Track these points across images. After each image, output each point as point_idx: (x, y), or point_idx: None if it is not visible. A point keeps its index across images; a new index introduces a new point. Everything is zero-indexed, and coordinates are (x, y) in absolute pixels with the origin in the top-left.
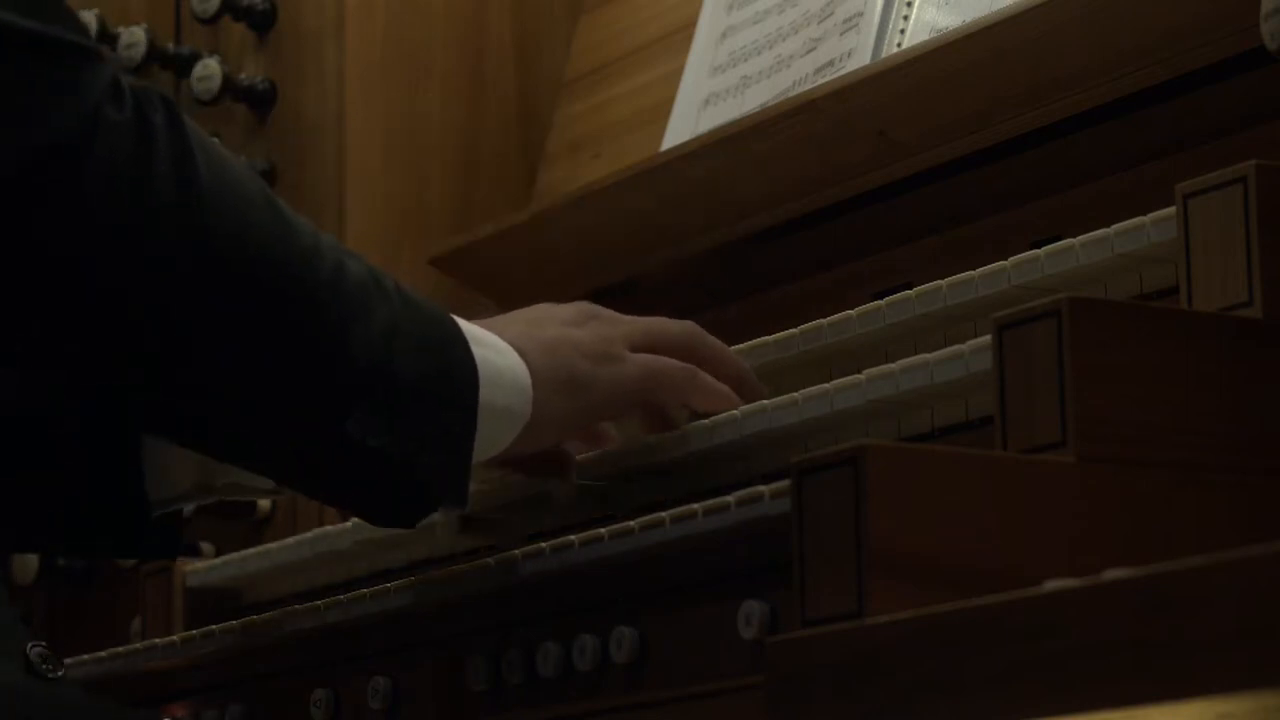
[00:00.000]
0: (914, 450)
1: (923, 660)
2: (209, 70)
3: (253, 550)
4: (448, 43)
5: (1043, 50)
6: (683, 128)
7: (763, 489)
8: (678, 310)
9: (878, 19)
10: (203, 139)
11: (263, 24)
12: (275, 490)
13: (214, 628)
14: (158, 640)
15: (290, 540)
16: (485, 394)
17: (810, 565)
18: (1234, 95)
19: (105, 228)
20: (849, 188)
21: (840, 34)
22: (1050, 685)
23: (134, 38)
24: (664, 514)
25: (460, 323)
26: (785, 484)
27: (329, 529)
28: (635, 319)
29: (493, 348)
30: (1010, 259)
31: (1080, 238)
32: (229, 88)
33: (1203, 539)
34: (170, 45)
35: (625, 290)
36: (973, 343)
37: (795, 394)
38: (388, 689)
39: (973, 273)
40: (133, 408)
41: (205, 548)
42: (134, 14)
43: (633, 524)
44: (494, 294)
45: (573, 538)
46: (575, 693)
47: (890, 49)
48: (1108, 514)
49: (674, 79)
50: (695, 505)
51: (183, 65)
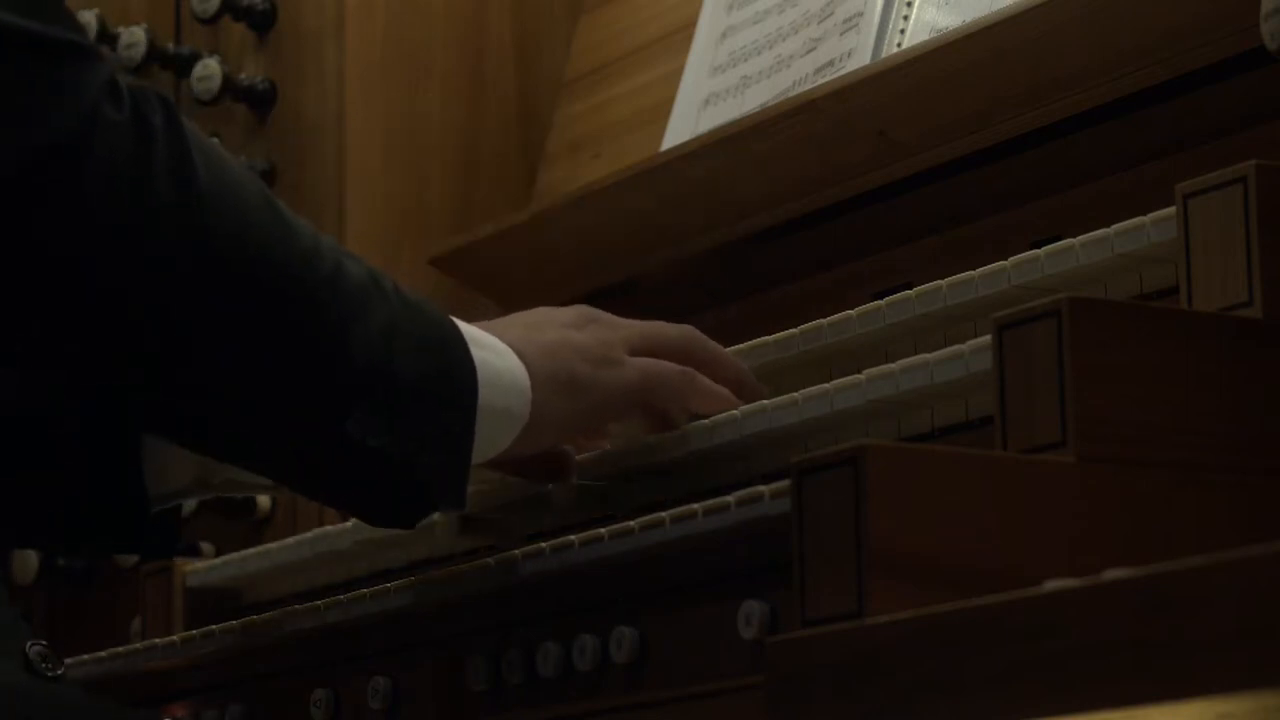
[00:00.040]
0: (914, 450)
1: (923, 660)
2: (209, 70)
3: (253, 550)
4: (448, 43)
5: (1043, 50)
6: (683, 128)
7: (763, 489)
8: (678, 310)
9: (878, 19)
10: (201, 139)
11: (263, 24)
12: (273, 486)
13: (214, 628)
14: (158, 640)
15: (290, 540)
16: (484, 395)
17: (810, 565)
18: (1234, 95)
19: (105, 228)
20: (849, 188)
21: (840, 34)
22: (1050, 685)
23: (134, 38)
24: (664, 514)
25: (459, 324)
26: (785, 484)
27: (329, 529)
28: (634, 323)
29: (492, 349)
30: (1010, 259)
31: (1080, 238)
32: (229, 88)
33: (1203, 539)
34: (170, 45)
35: (625, 290)
36: (973, 343)
37: (795, 394)
38: (388, 689)
39: (973, 273)
40: (133, 407)
41: (205, 548)
42: (134, 14)
43: (633, 524)
44: (494, 294)
45: (573, 538)
46: (575, 693)
47: (890, 49)
48: (1108, 514)
49: (674, 79)
50: (695, 505)
51: (183, 65)
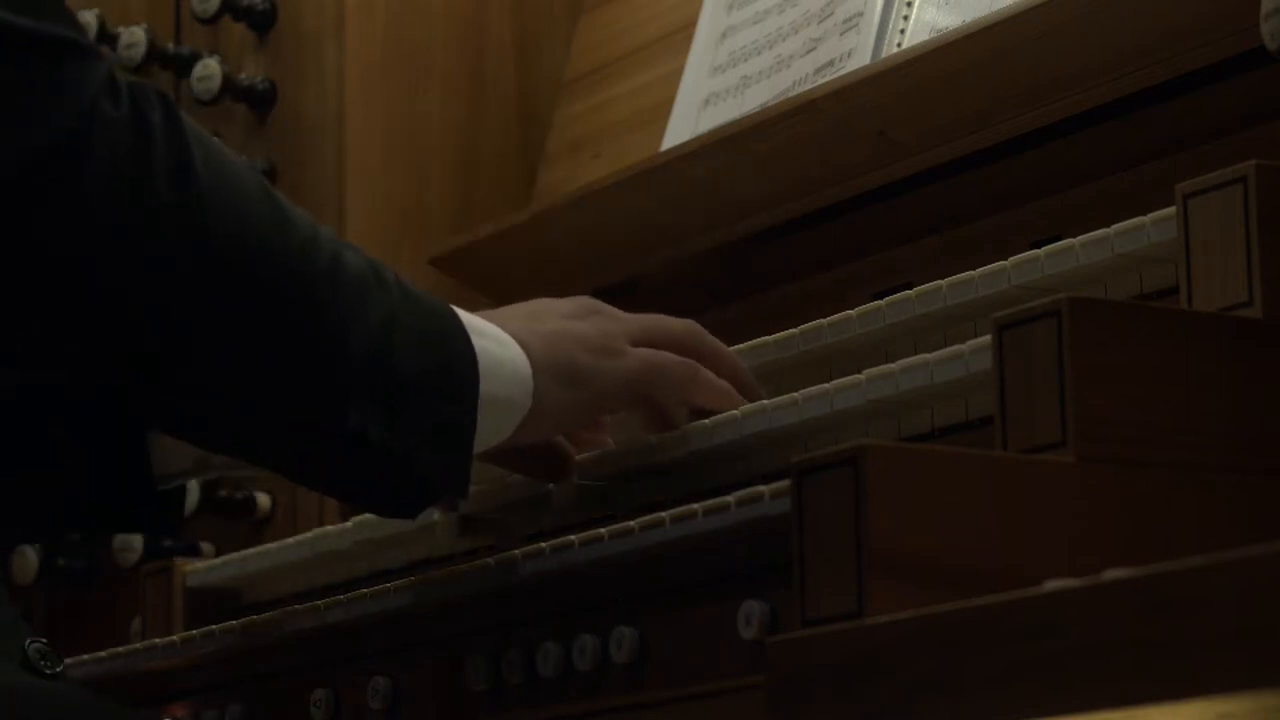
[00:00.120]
0: (914, 450)
1: (923, 660)
2: (209, 70)
3: (253, 550)
4: (448, 43)
5: (1043, 50)
6: (683, 128)
7: (763, 489)
8: (678, 310)
9: (878, 19)
10: (200, 134)
11: (263, 24)
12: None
13: (214, 628)
14: (158, 640)
15: (290, 540)
16: (486, 385)
17: (810, 565)
18: (1234, 95)
19: (105, 228)
20: (849, 188)
21: (840, 34)
22: (1050, 685)
23: (134, 38)
24: (664, 514)
25: (461, 314)
26: (785, 484)
27: (329, 529)
28: (636, 315)
29: (494, 339)
30: (1010, 259)
31: (1080, 238)
32: (229, 88)
33: (1203, 539)
34: (170, 45)
35: (625, 290)
36: (973, 343)
37: (795, 394)
38: (388, 689)
39: (973, 273)
40: (133, 405)
41: (205, 548)
42: (134, 14)
43: (633, 524)
44: (494, 294)
45: (573, 538)
46: (575, 693)
47: (890, 49)
48: (1108, 514)
49: (674, 79)
50: (695, 505)
51: (183, 65)
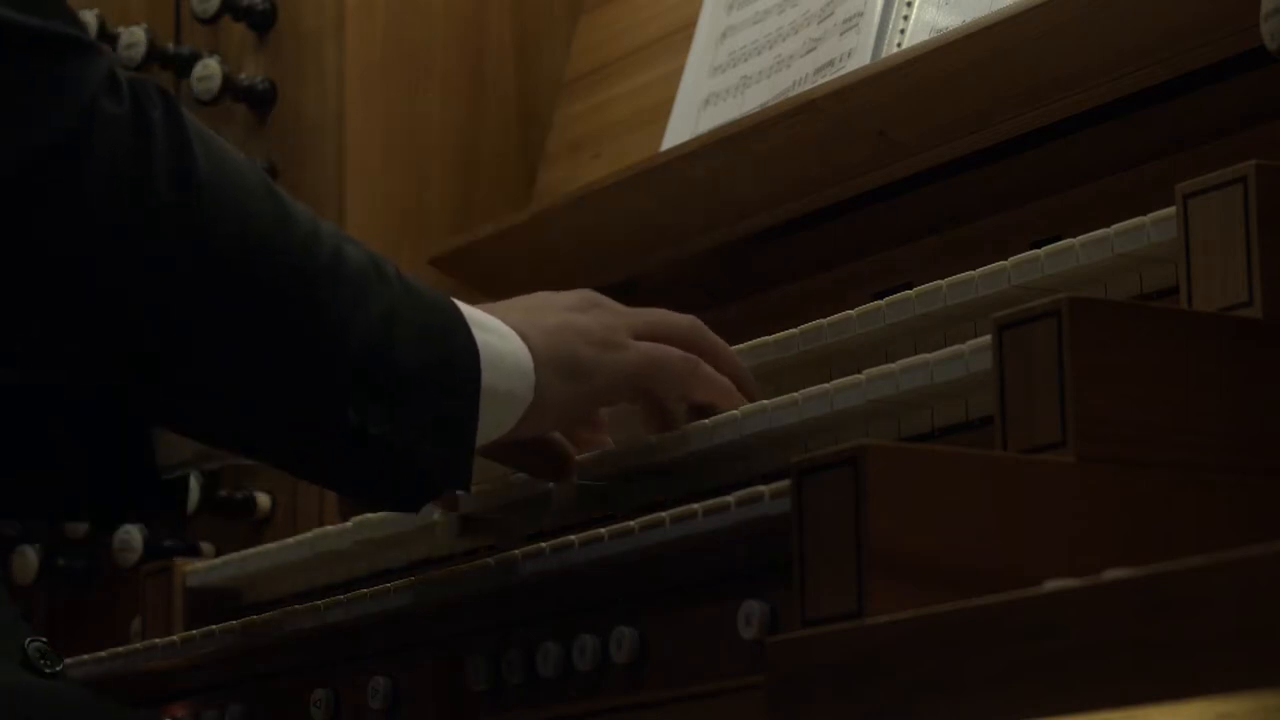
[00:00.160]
0: (914, 450)
1: (923, 660)
2: (209, 70)
3: (253, 550)
4: (448, 43)
5: (1043, 50)
6: (683, 128)
7: (763, 489)
8: (677, 310)
9: (878, 19)
10: (201, 130)
11: (263, 24)
12: None
13: (214, 628)
14: (158, 640)
15: (290, 540)
16: (487, 378)
17: (810, 565)
18: (1234, 95)
19: (105, 228)
20: (849, 188)
21: (840, 34)
22: (1050, 685)
23: (134, 38)
24: (664, 514)
25: (462, 307)
26: (785, 484)
27: (329, 529)
28: (638, 309)
29: (495, 332)
30: (1010, 259)
31: (1080, 238)
32: (229, 88)
33: (1203, 539)
34: (170, 45)
35: (625, 290)
36: (973, 343)
37: (795, 394)
38: (388, 689)
39: (973, 273)
40: (133, 405)
41: (205, 548)
42: (134, 14)
43: (633, 524)
44: (494, 294)
45: (573, 538)
46: (575, 693)
47: (890, 49)
48: (1108, 514)
49: (674, 79)
50: (695, 505)
51: (183, 65)
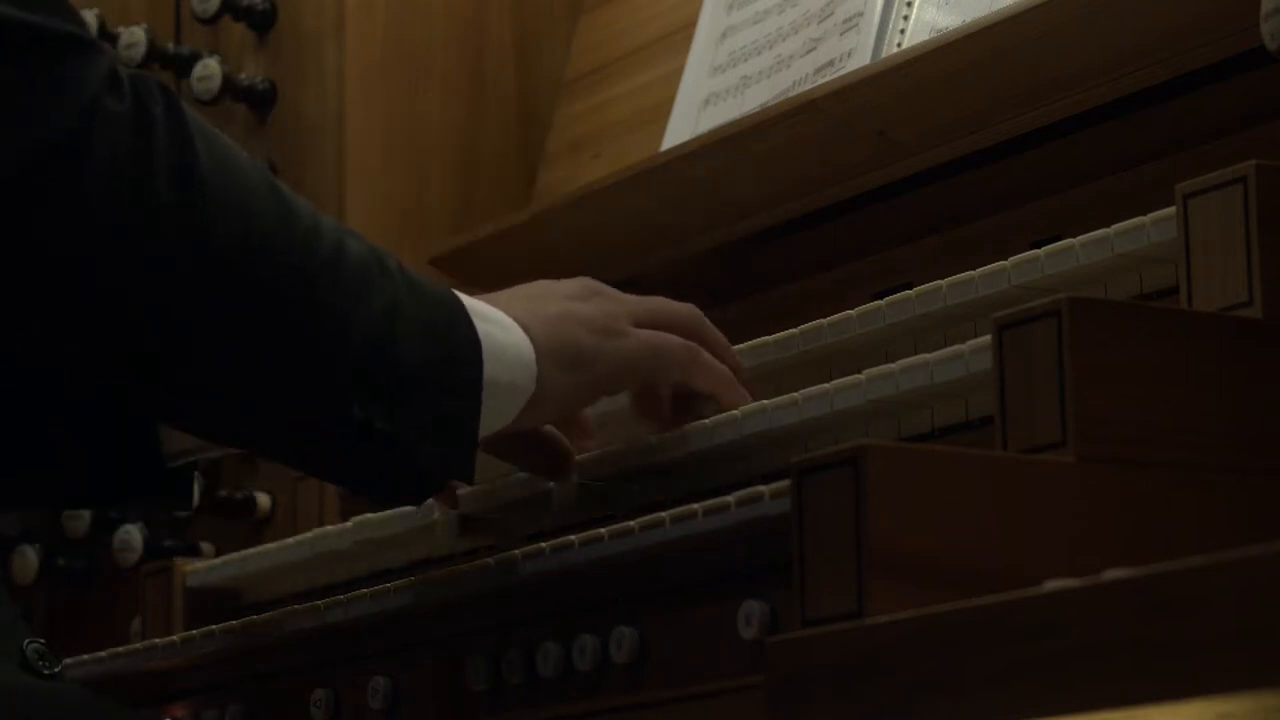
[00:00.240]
0: (914, 450)
1: (923, 660)
2: (209, 70)
3: (253, 550)
4: (448, 43)
5: (1043, 50)
6: (683, 128)
7: (763, 489)
8: None
9: (878, 19)
10: (203, 127)
11: (263, 24)
12: None
13: (214, 628)
14: (158, 640)
15: (290, 540)
16: (489, 370)
17: (810, 565)
18: (1234, 95)
19: (105, 228)
20: (849, 188)
21: (840, 34)
22: (1050, 685)
23: (134, 38)
24: (664, 514)
25: (464, 299)
26: (785, 484)
27: (329, 529)
28: (638, 297)
29: (497, 323)
30: (1010, 259)
31: (1080, 238)
32: (229, 88)
33: (1203, 539)
34: (170, 45)
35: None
36: (973, 343)
37: (795, 394)
38: (388, 689)
39: (973, 273)
40: (134, 405)
41: (205, 548)
42: (134, 14)
43: (633, 524)
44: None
45: (573, 538)
46: (575, 693)
47: (890, 49)
48: (1108, 514)
49: (674, 79)
50: (695, 505)
51: (183, 65)
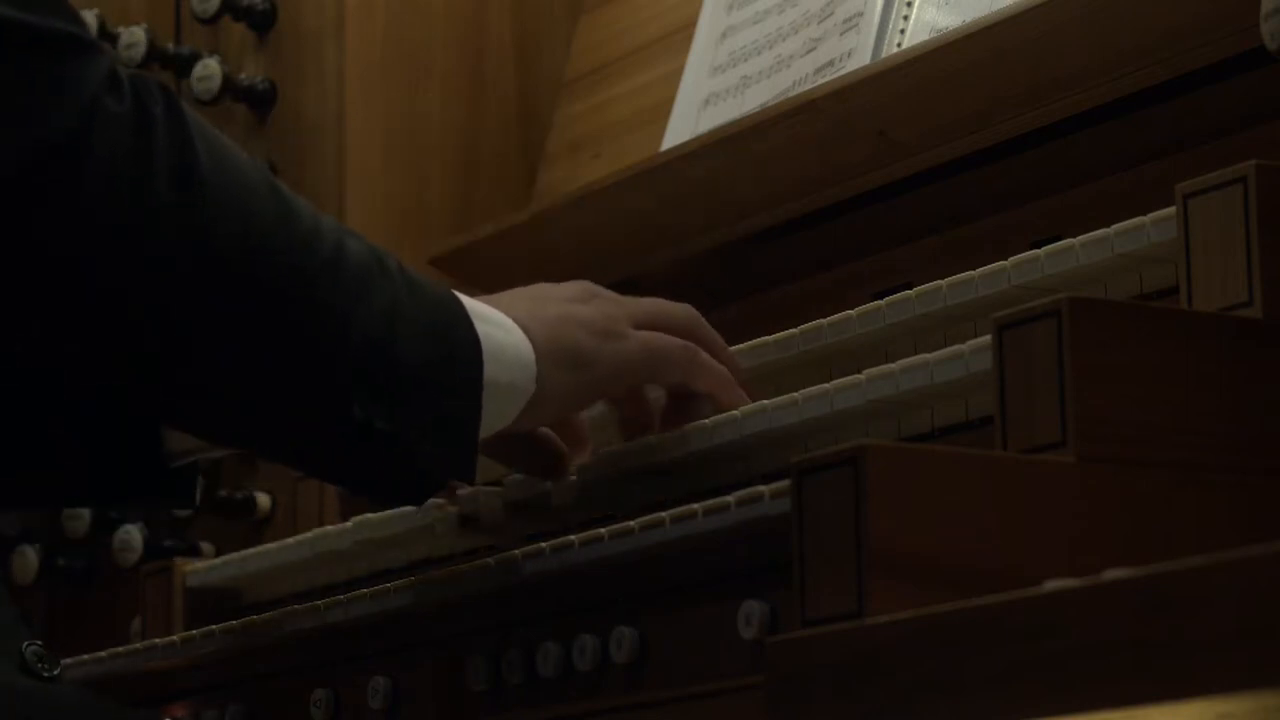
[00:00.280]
0: (914, 450)
1: (923, 660)
2: (209, 70)
3: (253, 550)
4: (448, 43)
5: (1043, 50)
6: (683, 128)
7: (763, 489)
8: None
9: (878, 19)
10: (204, 127)
11: (263, 24)
12: None
13: (214, 628)
14: (158, 640)
15: (290, 540)
16: (489, 371)
17: (810, 565)
18: (1234, 95)
19: (105, 228)
20: (849, 188)
21: (840, 34)
22: (1050, 685)
23: (134, 38)
24: (664, 514)
25: (464, 300)
26: (785, 484)
27: (329, 529)
28: (636, 299)
29: (497, 324)
30: (1010, 259)
31: (1080, 238)
32: (229, 88)
33: (1203, 539)
34: (170, 45)
35: (625, 290)
36: (973, 343)
37: (795, 394)
38: (388, 689)
39: (973, 273)
40: (134, 405)
41: (205, 548)
42: (134, 14)
43: (633, 524)
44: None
45: (573, 538)
46: (575, 693)
47: (890, 49)
48: (1108, 514)
49: (674, 79)
50: (695, 505)
51: (183, 65)
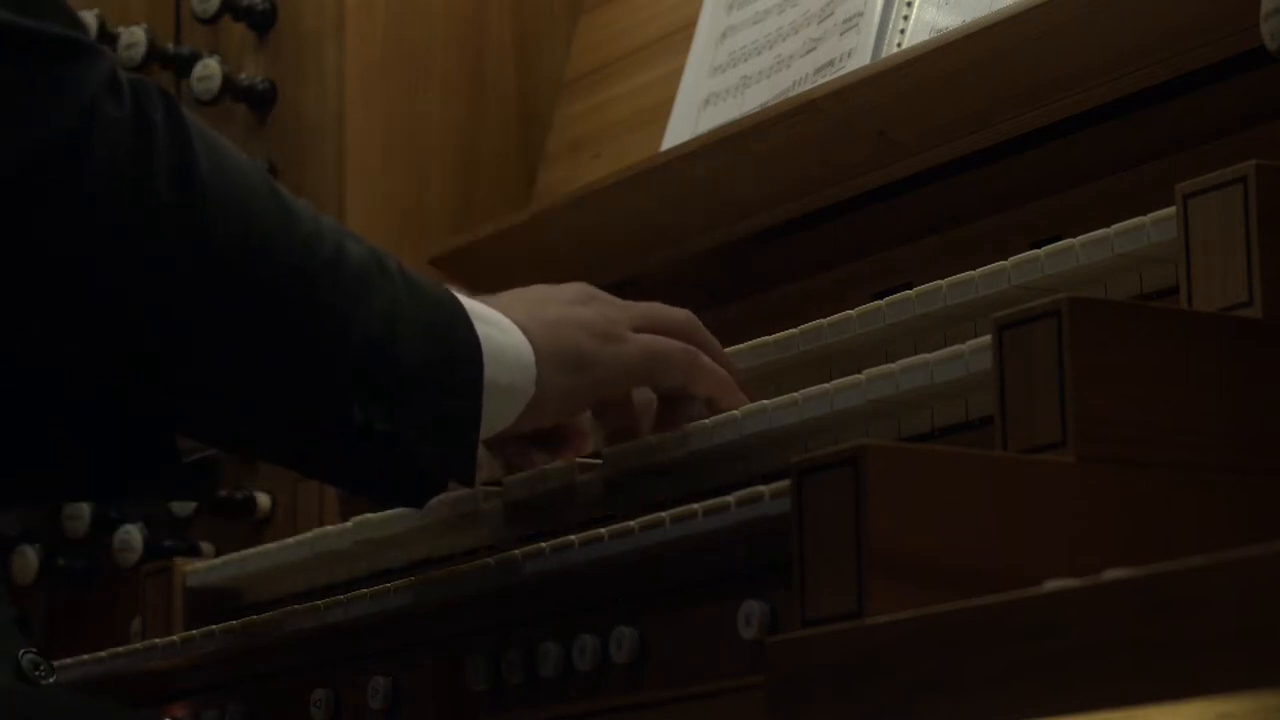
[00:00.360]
0: (914, 450)
1: (923, 660)
2: (209, 70)
3: (253, 550)
4: (448, 43)
5: (1043, 50)
6: (683, 128)
7: (763, 489)
8: None
9: (878, 19)
10: (203, 130)
11: (263, 24)
12: None
13: (214, 628)
14: (158, 640)
15: (290, 540)
16: (489, 372)
17: (810, 565)
18: (1234, 95)
19: (105, 228)
20: (849, 188)
21: (840, 34)
22: (1050, 685)
23: (134, 38)
24: (664, 514)
25: (464, 301)
26: (785, 484)
27: (329, 529)
28: (635, 302)
29: (497, 326)
30: (1010, 259)
31: (1080, 238)
32: (229, 88)
33: (1203, 539)
34: (170, 45)
35: (625, 290)
36: (973, 343)
37: (795, 394)
38: (388, 689)
39: (973, 273)
40: (134, 405)
41: (205, 548)
42: (134, 14)
43: (633, 524)
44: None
45: (573, 538)
46: (575, 693)
47: (890, 49)
48: (1108, 514)
49: (674, 79)
50: (695, 505)
51: (183, 65)
